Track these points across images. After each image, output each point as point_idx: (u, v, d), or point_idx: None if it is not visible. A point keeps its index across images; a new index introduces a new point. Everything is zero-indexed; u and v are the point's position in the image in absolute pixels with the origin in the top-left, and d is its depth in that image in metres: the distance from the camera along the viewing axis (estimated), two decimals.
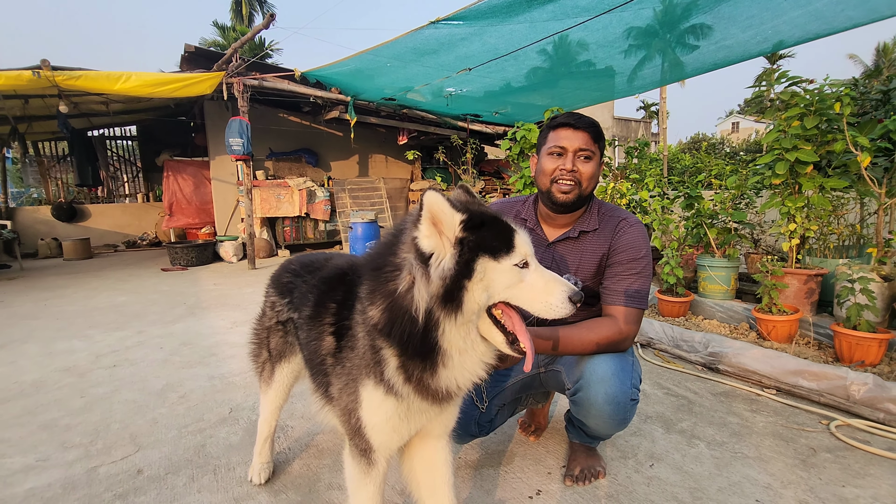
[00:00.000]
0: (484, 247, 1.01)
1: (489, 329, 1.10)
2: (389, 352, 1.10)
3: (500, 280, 1.03)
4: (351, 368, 1.20)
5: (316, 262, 1.59)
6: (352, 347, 1.20)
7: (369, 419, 1.19)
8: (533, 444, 2.10)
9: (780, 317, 3.13)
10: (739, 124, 44.42)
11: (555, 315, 1.07)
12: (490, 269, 1.01)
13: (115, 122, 10.52)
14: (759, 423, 2.26)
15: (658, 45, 5.22)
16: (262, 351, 1.76)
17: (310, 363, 1.40)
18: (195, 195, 9.38)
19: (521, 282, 1.06)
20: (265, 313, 1.75)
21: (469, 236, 0.99)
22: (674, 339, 3.22)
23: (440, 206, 0.97)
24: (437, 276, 0.98)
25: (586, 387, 1.59)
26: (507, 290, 1.05)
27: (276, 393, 1.73)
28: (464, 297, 1.00)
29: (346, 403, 1.23)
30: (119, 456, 2.09)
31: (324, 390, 1.33)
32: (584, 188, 1.69)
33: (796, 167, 3.12)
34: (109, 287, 6.18)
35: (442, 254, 0.99)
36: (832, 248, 3.53)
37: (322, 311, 1.32)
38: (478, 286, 1.00)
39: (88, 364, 3.27)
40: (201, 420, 2.42)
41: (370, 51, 5.24)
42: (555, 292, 1.07)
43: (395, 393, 1.13)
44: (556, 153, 1.70)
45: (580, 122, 1.67)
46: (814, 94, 3.05)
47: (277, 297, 1.68)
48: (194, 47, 6.64)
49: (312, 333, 1.34)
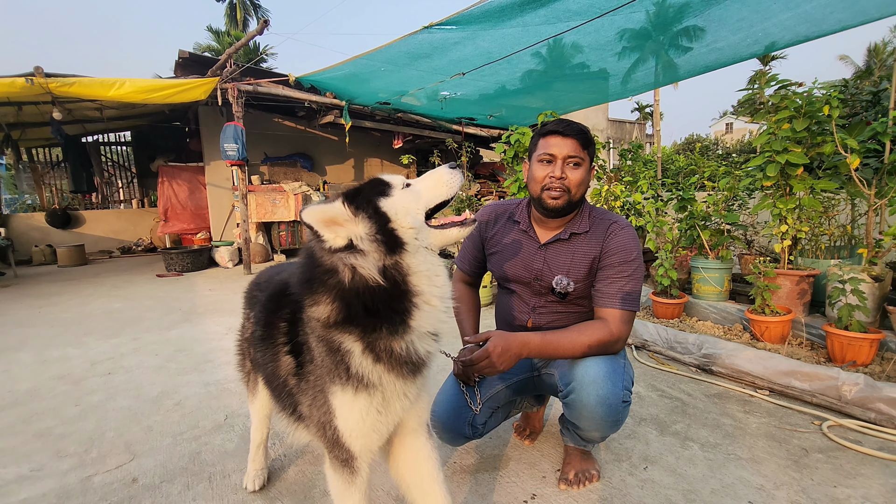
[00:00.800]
0: (373, 195, 1.11)
1: (440, 236, 1.20)
2: (350, 340, 1.12)
3: (404, 202, 1.13)
4: (316, 381, 1.20)
5: (269, 277, 1.61)
6: (311, 360, 1.20)
7: (345, 425, 1.19)
8: (528, 448, 2.11)
9: (773, 318, 3.15)
10: (733, 125, 44.72)
11: (454, 187, 1.21)
12: (392, 202, 1.11)
13: (109, 127, 10.48)
14: (753, 424, 2.27)
15: (651, 48, 5.26)
16: (245, 361, 1.77)
17: (270, 385, 1.38)
18: (190, 200, 9.36)
19: (416, 191, 1.18)
20: (244, 325, 1.75)
21: (360, 202, 1.09)
22: (668, 341, 3.24)
23: (321, 211, 1.06)
24: (367, 246, 1.07)
25: (578, 389, 1.60)
26: (413, 204, 1.14)
27: (263, 402, 1.73)
28: (395, 232, 1.09)
29: (318, 417, 1.22)
30: (114, 464, 2.08)
31: (291, 410, 1.33)
32: (573, 194, 1.71)
33: (787, 169, 3.15)
34: (104, 294, 6.15)
35: (355, 232, 1.07)
36: (824, 248, 3.56)
37: (274, 332, 1.32)
38: (399, 216, 1.10)
39: (83, 371, 3.26)
40: (196, 427, 2.41)
41: (364, 55, 5.25)
42: (441, 173, 1.22)
43: (366, 383, 1.14)
44: (545, 160, 1.72)
45: (568, 129, 1.69)
46: (803, 97, 3.09)
47: (248, 309, 1.70)
48: (188, 53, 6.65)
49: (268, 355, 1.33)
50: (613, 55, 5.46)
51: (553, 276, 1.79)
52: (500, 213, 1.98)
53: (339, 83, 6.73)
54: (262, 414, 1.79)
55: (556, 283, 1.78)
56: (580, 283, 1.76)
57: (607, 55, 5.43)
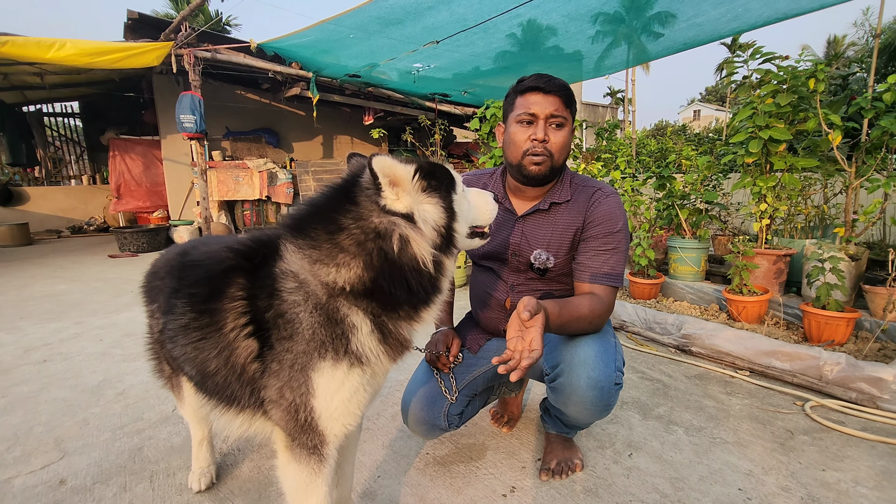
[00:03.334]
0: (446, 184, 1.09)
1: (467, 244, 1.22)
2: (359, 315, 1.04)
3: (465, 208, 1.14)
4: (294, 359, 1.02)
5: (174, 260, 1.37)
6: (289, 336, 1.02)
7: (327, 405, 1.05)
8: (506, 436, 1.97)
9: (751, 297, 3.11)
10: (701, 112, 45.65)
11: (493, 216, 1.25)
12: (459, 202, 1.11)
13: (53, 96, 9.67)
14: (735, 405, 2.20)
15: (625, 29, 5.14)
16: (162, 365, 1.52)
17: (207, 379, 1.14)
18: (145, 176, 8.79)
19: (469, 203, 1.18)
20: (150, 324, 1.49)
21: (433, 183, 1.05)
22: (646, 322, 3.16)
23: (394, 167, 0.98)
24: (429, 229, 1.04)
25: (567, 371, 1.45)
26: (468, 214, 1.16)
27: (193, 405, 1.50)
28: (455, 236, 1.10)
29: (291, 400, 1.05)
30: (39, 464, 1.83)
31: (247, 402, 1.12)
32: (555, 159, 1.54)
33: (769, 145, 3.08)
34: (48, 275, 5.68)
35: (421, 210, 1.03)
36: (799, 228, 3.54)
37: (217, 317, 1.08)
38: (461, 221, 1.11)
39: (14, 360, 2.94)
40: (140, 419, 2.17)
41: (331, 20, 4.90)
42: (489, 198, 1.25)
43: (363, 360, 1.05)
44: (525, 121, 1.54)
45: (550, 84, 1.50)
46: (788, 71, 3.00)
47: (150, 304, 1.44)
48: (138, 14, 6.09)
49: (209, 347, 1.10)
50: (587, 38, 5.31)
51: (532, 251, 1.62)
52: (472, 184, 1.80)
53: (306, 52, 6.33)
54: (198, 416, 1.57)
55: (534, 259, 1.62)
56: (561, 259, 1.60)
57: (582, 38, 5.28)
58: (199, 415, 1.59)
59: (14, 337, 3.37)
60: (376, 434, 1.99)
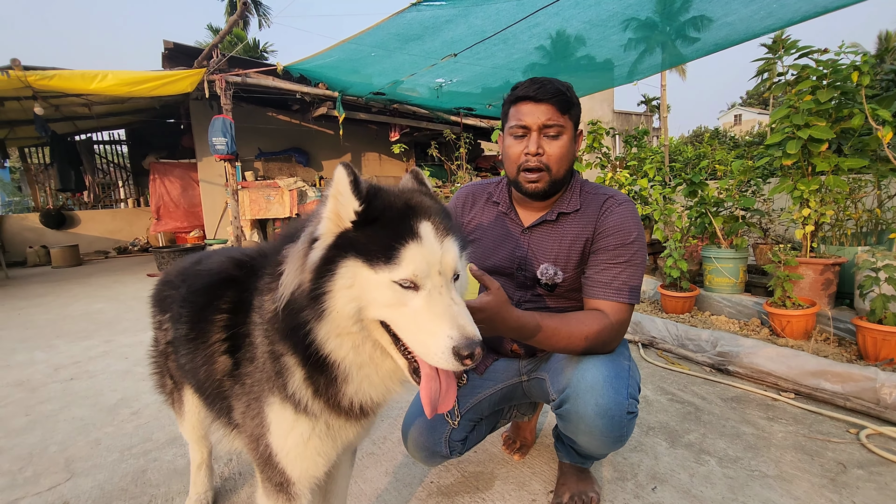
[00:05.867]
0: (358, 247, 0.82)
1: (390, 346, 0.87)
2: (292, 359, 0.90)
3: (373, 294, 0.82)
4: (252, 385, 0.96)
5: (188, 269, 1.33)
6: (251, 359, 0.95)
7: (281, 445, 0.95)
8: (517, 465, 1.83)
9: (796, 311, 2.84)
10: (742, 116, 43.95)
11: (433, 364, 0.81)
12: (361, 277, 0.81)
13: (101, 125, 10.29)
14: (778, 433, 1.98)
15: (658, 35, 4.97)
16: (165, 380, 1.49)
17: (202, 390, 1.13)
18: (183, 198, 9.16)
19: (403, 305, 0.82)
20: (156, 337, 1.48)
21: (349, 231, 0.83)
22: (678, 338, 2.94)
23: (342, 186, 0.83)
24: (309, 263, 0.82)
25: (574, 397, 1.32)
26: (384, 309, 0.83)
27: (195, 420, 1.46)
28: (325, 302, 0.81)
29: (251, 429, 0.98)
30: (46, 485, 1.83)
31: (226, 416, 1.07)
32: (554, 172, 1.42)
33: (809, 146, 2.84)
34: (90, 294, 5.94)
35: (323, 241, 0.83)
36: (849, 234, 3.24)
37: (207, 328, 1.06)
38: (343, 293, 0.81)
39: (43, 377, 3.02)
40: (149, 440, 2.16)
41: (352, 40, 4.97)
42: (437, 335, 0.79)
43: (306, 411, 0.92)
44: (517, 134, 1.44)
45: (542, 91, 1.39)
46: (827, 65, 2.77)
47: (160, 314, 1.40)
48: (173, 43, 6.41)
49: (199, 357, 1.07)
50: (618, 46, 5.17)
51: (539, 265, 1.50)
52: (477, 195, 1.70)
53: (330, 72, 6.45)
54: (197, 434, 1.53)
55: (540, 274, 1.50)
56: (570, 273, 1.47)
57: (611, 46, 5.14)
58: (198, 433, 1.55)
59: (47, 355, 3.49)
60: (380, 459, 1.90)
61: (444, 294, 0.82)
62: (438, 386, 0.86)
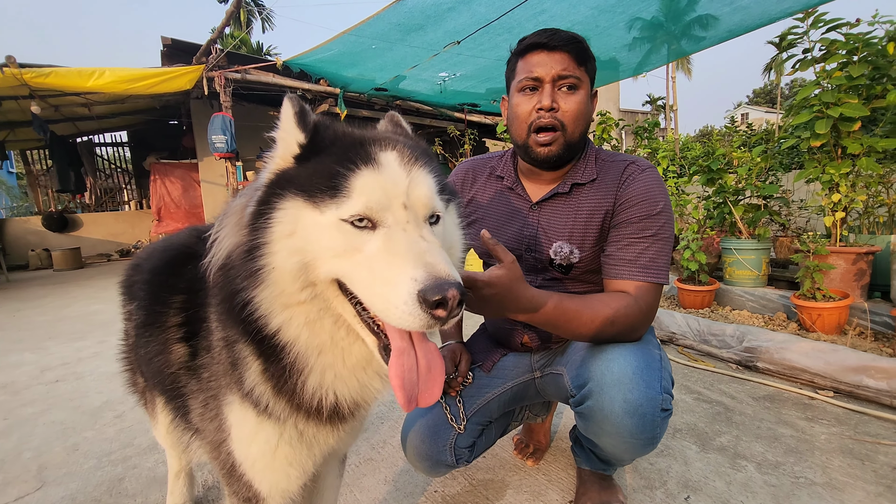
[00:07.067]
0: (299, 183, 0.65)
1: (355, 319, 0.68)
2: (246, 347, 0.72)
3: (320, 242, 0.64)
4: (209, 380, 0.79)
5: (157, 246, 1.16)
6: (207, 347, 0.79)
7: (244, 453, 0.79)
8: (531, 471, 1.64)
9: (827, 303, 2.64)
10: (749, 115, 43.51)
11: (396, 324, 0.60)
12: (304, 220, 0.64)
13: (102, 127, 10.22)
14: (820, 435, 1.78)
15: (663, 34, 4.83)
16: (136, 377, 1.32)
17: (160, 385, 0.96)
18: (184, 199, 9.05)
19: (358, 252, 0.63)
20: (126, 329, 1.30)
21: (290, 169, 0.68)
22: (700, 334, 2.75)
23: (287, 120, 0.69)
24: (247, 216, 0.66)
25: (598, 392, 1.13)
26: (335, 261, 0.64)
27: (168, 424, 1.29)
28: (261, 258, 0.64)
29: (211, 434, 0.81)
30: (13, 496, 1.67)
31: (184, 417, 0.90)
32: (570, 132, 1.24)
33: (839, 125, 2.64)
34: (88, 296, 5.82)
35: (261, 183, 0.69)
36: (882, 222, 3.03)
37: (163, 311, 0.90)
38: (283, 244, 0.64)
39: (29, 379, 2.88)
40: (130, 445, 2.00)
41: (351, 31, 4.82)
42: (397, 280, 0.59)
43: (269, 412, 0.74)
44: (528, 87, 1.25)
45: (555, 38, 1.21)
46: (859, 38, 2.57)
47: (129, 303, 1.23)
48: (171, 39, 6.29)
49: (153, 345, 0.91)
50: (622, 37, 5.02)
51: (551, 244, 1.32)
52: (478, 170, 1.52)
53: (330, 67, 6.31)
54: (173, 438, 1.35)
55: (554, 253, 1.32)
56: (587, 252, 1.29)
57: (616, 35, 4.99)
58: (172, 438, 1.37)
59: (37, 356, 3.35)
60: (379, 466, 1.72)
61: (409, 231, 0.64)
62: (414, 364, 0.65)
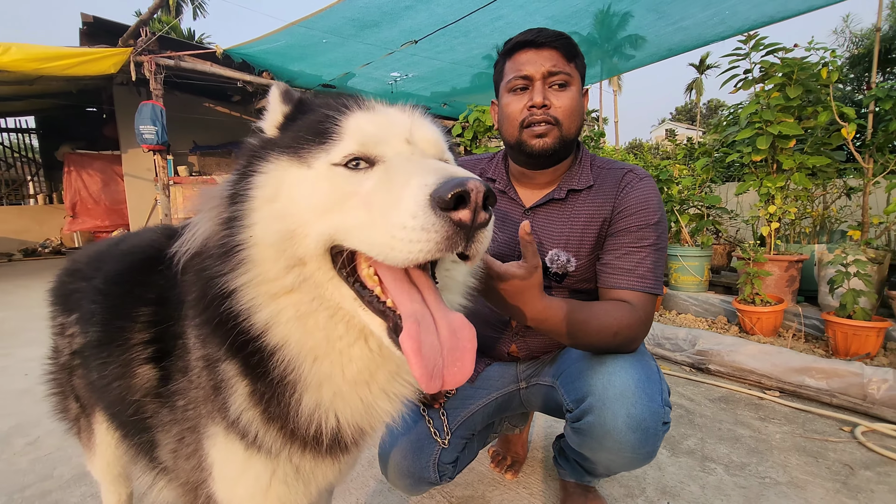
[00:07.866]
0: (282, 143, 0.60)
1: (355, 303, 0.58)
2: (231, 366, 0.61)
3: (307, 200, 0.55)
4: (186, 408, 0.67)
5: (103, 252, 1.01)
6: (184, 369, 0.66)
7: (229, 495, 0.66)
8: (511, 484, 1.59)
9: (766, 308, 2.83)
10: (675, 131, 46.84)
11: (406, 255, 0.48)
12: (289, 178, 0.57)
13: (5, 110, 9.08)
14: (775, 434, 1.88)
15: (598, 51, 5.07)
16: (68, 402, 1.13)
17: (115, 416, 0.81)
18: (104, 193, 8.23)
19: (352, 195, 0.54)
20: (56, 345, 1.11)
21: (272, 137, 0.63)
22: (655, 338, 2.85)
23: (273, 102, 0.67)
24: (225, 188, 0.61)
25: (599, 407, 1.09)
26: (326, 218, 0.54)
27: (109, 454, 1.10)
28: (240, 232, 0.56)
29: (186, 474, 0.68)
30: None
31: (148, 454, 0.76)
32: (565, 128, 1.21)
33: (777, 142, 2.85)
34: None
35: None
36: (807, 232, 3.31)
37: (125, 326, 0.76)
38: (265, 211, 0.56)
39: None
40: (50, 477, 1.72)
41: (302, 22, 4.59)
42: (404, 195, 0.49)
43: (259, 445, 0.63)
44: (518, 87, 1.23)
45: (542, 35, 1.20)
46: (795, 63, 2.79)
47: (63, 314, 1.05)
48: (93, 17, 5.69)
49: (112, 367, 0.76)
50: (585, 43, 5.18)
51: (546, 252, 1.28)
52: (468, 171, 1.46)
53: (276, 59, 5.99)
54: (112, 473, 1.16)
55: (550, 261, 1.27)
56: (584, 260, 1.26)
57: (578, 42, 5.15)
58: (114, 471, 1.18)
59: None
60: (349, 487, 1.60)
61: (413, 159, 0.56)
62: (433, 326, 0.53)
